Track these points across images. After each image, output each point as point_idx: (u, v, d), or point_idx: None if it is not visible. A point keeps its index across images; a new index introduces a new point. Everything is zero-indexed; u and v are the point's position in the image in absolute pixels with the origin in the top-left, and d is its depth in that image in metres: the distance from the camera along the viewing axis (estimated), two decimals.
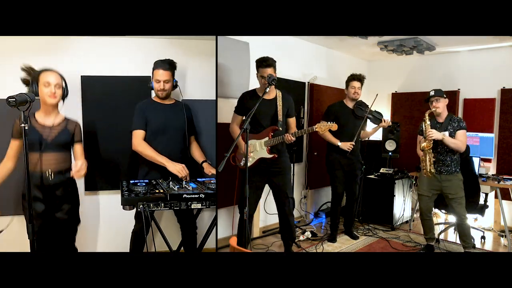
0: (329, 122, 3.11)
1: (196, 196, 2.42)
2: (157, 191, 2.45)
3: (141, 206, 2.35)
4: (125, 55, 3.37)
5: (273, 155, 3.12)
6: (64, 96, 2.59)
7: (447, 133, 3.34)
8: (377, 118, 3.85)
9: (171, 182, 2.61)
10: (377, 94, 3.93)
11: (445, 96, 3.42)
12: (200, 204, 2.44)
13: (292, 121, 3.29)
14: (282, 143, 3.12)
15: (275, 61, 3.09)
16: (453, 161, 3.37)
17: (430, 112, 3.39)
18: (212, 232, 2.94)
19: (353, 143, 3.75)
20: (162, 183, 2.66)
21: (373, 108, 3.90)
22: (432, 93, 3.42)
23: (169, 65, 2.92)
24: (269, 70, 3.04)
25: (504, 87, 4.58)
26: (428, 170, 3.35)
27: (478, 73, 4.78)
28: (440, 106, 3.39)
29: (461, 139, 3.32)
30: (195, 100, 3.45)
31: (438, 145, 3.36)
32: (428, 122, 3.36)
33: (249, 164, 3.12)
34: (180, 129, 2.97)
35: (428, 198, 3.52)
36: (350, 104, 3.90)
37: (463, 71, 4.91)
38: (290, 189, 3.33)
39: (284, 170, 3.25)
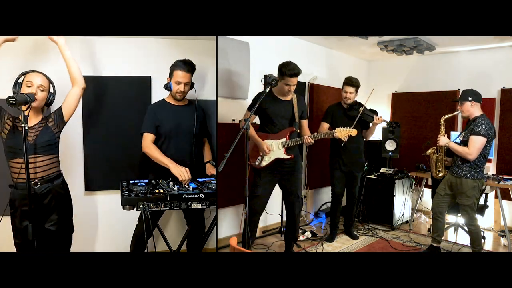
0: (347, 128, 3.17)
1: (196, 196, 2.42)
2: (157, 191, 2.45)
3: (141, 206, 2.35)
4: (125, 55, 3.37)
5: (290, 156, 3.13)
6: (49, 102, 2.46)
7: (463, 135, 3.31)
8: (369, 116, 3.78)
9: (171, 182, 2.61)
10: (373, 88, 3.88)
11: (470, 98, 3.26)
12: (200, 204, 2.44)
13: (305, 123, 3.31)
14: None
15: (301, 71, 3.03)
16: (464, 164, 3.26)
17: (446, 118, 3.43)
18: (212, 232, 2.94)
19: (350, 131, 3.52)
20: (162, 183, 2.66)
21: (371, 106, 3.91)
22: (460, 94, 3.37)
23: (190, 66, 2.88)
24: (295, 80, 3.01)
25: (504, 87, 4.58)
26: (434, 172, 3.43)
27: (478, 73, 4.78)
28: (464, 109, 3.31)
29: (469, 146, 3.17)
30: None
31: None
32: (443, 128, 3.40)
33: (265, 163, 3.15)
34: (192, 130, 2.94)
35: (441, 197, 3.48)
36: (345, 105, 3.89)
37: (463, 71, 4.91)
38: (300, 190, 3.34)
39: (297, 170, 3.26)
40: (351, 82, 3.82)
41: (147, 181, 2.70)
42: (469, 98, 3.27)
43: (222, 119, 3.57)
